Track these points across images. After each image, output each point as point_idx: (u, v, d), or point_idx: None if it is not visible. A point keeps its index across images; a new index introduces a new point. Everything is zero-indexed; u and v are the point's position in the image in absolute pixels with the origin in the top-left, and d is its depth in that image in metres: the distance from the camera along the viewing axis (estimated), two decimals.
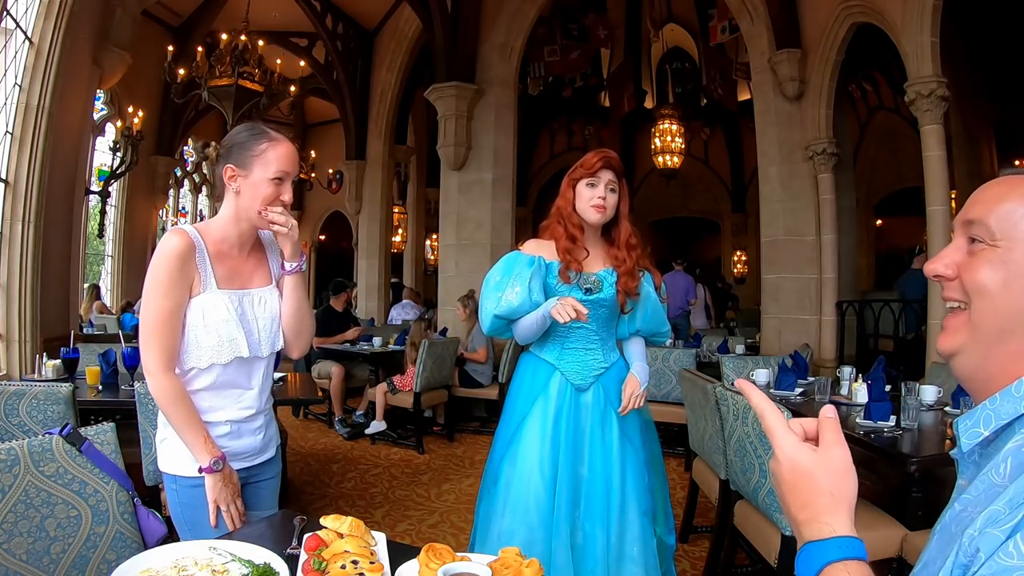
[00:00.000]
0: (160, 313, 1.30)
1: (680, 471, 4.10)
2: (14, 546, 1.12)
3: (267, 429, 1.50)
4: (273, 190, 1.35)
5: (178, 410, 1.31)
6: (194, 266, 1.33)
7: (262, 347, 1.42)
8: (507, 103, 6.62)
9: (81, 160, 5.11)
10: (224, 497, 1.33)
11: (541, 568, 0.96)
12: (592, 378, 1.90)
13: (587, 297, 1.84)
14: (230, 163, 1.36)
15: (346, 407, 5.42)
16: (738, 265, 13.29)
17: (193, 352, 1.34)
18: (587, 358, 1.90)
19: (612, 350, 1.96)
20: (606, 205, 1.84)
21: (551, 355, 1.91)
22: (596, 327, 1.90)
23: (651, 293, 1.95)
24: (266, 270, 1.47)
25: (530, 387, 1.92)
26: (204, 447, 1.31)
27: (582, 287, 1.86)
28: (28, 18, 4.11)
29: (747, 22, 5.99)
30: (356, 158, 9.22)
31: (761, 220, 6.04)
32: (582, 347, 1.91)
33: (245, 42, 6.17)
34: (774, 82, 5.73)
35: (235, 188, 1.36)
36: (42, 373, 3.09)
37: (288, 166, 1.37)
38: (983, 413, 0.65)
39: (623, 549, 1.80)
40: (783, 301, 5.73)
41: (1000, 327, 0.64)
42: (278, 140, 1.38)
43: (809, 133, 5.56)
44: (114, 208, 8.81)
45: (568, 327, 1.85)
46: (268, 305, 1.44)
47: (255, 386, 1.43)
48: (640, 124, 12.25)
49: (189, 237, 1.32)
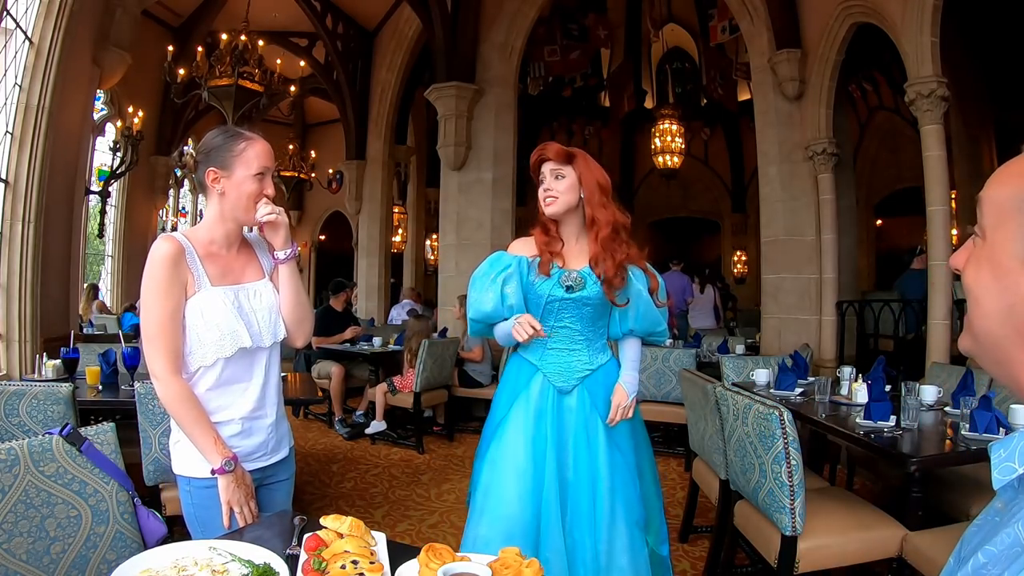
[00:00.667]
0: (161, 317, 1.33)
1: (680, 471, 4.10)
2: (14, 546, 1.12)
3: (278, 427, 1.52)
4: (257, 186, 1.41)
5: (188, 412, 1.33)
6: (186, 268, 1.36)
7: (263, 337, 1.44)
8: (507, 103, 6.62)
9: (81, 160, 5.10)
10: (237, 498, 1.35)
11: (541, 568, 0.96)
12: (576, 380, 1.82)
13: (569, 295, 1.78)
14: (212, 167, 1.40)
15: (346, 407, 5.42)
16: (738, 265, 13.28)
17: (197, 352, 1.36)
18: (570, 359, 1.83)
19: (601, 351, 1.88)
20: (555, 194, 1.78)
21: (534, 355, 1.85)
22: (581, 327, 1.83)
23: (642, 291, 1.86)
24: (257, 265, 1.51)
25: (513, 388, 1.86)
26: (215, 448, 1.33)
27: (563, 284, 1.79)
28: (28, 18, 4.11)
29: (747, 22, 5.99)
30: (356, 158, 9.22)
31: (761, 220, 6.03)
32: (565, 347, 1.83)
33: (245, 42, 6.17)
34: (774, 82, 5.73)
35: (219, 190, 1.40)
36: (42, 373, 3.09)
37: (268, 161, 1.43)
38: (1020, 445, 0.56)
39: (612, 558, 1.74)
40: (783, 301, 5.73)
41: (991, 331, 0.58)
42: (254, 139, 1.43)
43: (809, 133, 5.56)
44: (114, 208, 8.81)
45: (551, 326, 1.81)
46: (264, 297, 1.46)
47: (260, 379, 1.45)
48: (640, 124, 12.25)
49: (177, 241, 1.37)
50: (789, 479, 1.86)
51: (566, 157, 1.80)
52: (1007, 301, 0.56)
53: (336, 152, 10.47)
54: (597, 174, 1.82)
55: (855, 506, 2.18)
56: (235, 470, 1.35)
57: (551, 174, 1.80)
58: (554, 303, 1.81)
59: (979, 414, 2.10)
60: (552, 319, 1.82)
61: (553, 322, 1.82)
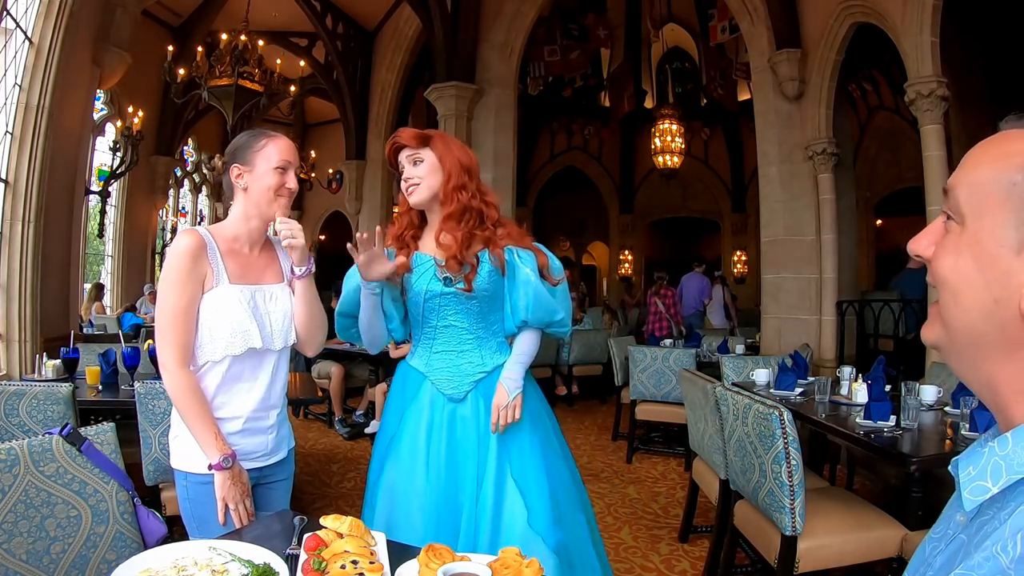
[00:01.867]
0: (175, 308, 1.35)
1: (680, 471, 4.10)
2: (14, 546, 1.12)
3: (280, 429, 1.52)
4: (278, 178, 1.44)
5: (192, 406, 1.34)
6: (206, 262, 1.38)
7: (274, 340, 1.45)
8: (507, 103, 6.62)
9: (81, 160, 5.10)
10: (233, 495, 1.35)
11: (541, 568, 0.96)
12: (469, 386, 1.59)
13: (447, 288, 1.57)
14: (235, 163, 1.45)
15: (346, 407, 5.42)
16: (738, 265, 13.28)
17: (207, 346, 1.38)
18: (459, 362, 1.60)
19: (496, 351, 1.63)
20: (416, 180, 1.59)
21: (420, 361, 1.63)
22: (468, 323, 1.60)
23: (530, 277, 1.60)
24: (277, 268, 1.53)
25: (400, 400, 1.64)
26: (215, 443, 1.34)
27: (439, 277, 1.58)
28: (28, 18, 4.11)
29: (747, 22, 5.99)
30: (356, 158, 9.23)
31: (761, 220, 6.03)
32: (453, 349, 1.60)
33: (245, 42, 6.17)
34: (774, 82, 5.73)
35: (243, 185, 1.45)
36: (42, 373, 3.08)
37: (288, 155, 1.46)
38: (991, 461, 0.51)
39: None
40: (783, 301, 5.73)
41: (970, 328, 0.53)
42: (276, 136, 1.48)
43: (809, 133, 5.56)
44: (114, 208, 8.80)
45: (435, 326, 1.60)
46: (280, 301, 1.48)
47: (267, 381, 1.46)
48: (640, 124, 12.25)
49: (199, 235, 1.39)
50: (789, 479, 1.86)
51: (421, 140, 1.61)
52: (993, 295, 0.51)
53: (336, 152, 10.47)
54: (459, 153, 1.63)
55: (855, 506, 2.18)
56: (232, 467, 1.35)
57: (408, 160, 1.61)
58: (434, 299, 1.58)
59: (979, 414, 2.10)
60: (435, 318, 1.60)
61: (436, 321, 1.60)
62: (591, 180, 14.37)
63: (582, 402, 6.60)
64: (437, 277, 1.58)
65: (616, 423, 5.05)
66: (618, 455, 4.52)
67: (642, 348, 4.49)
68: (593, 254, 16.16)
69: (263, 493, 1.50)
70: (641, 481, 3.93)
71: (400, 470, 1.55)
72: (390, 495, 1.54)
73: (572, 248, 15.43)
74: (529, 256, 1.62)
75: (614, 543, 2.93)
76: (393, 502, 1.53)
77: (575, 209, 14.62)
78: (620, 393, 4.88)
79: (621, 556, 2.80)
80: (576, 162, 14.17)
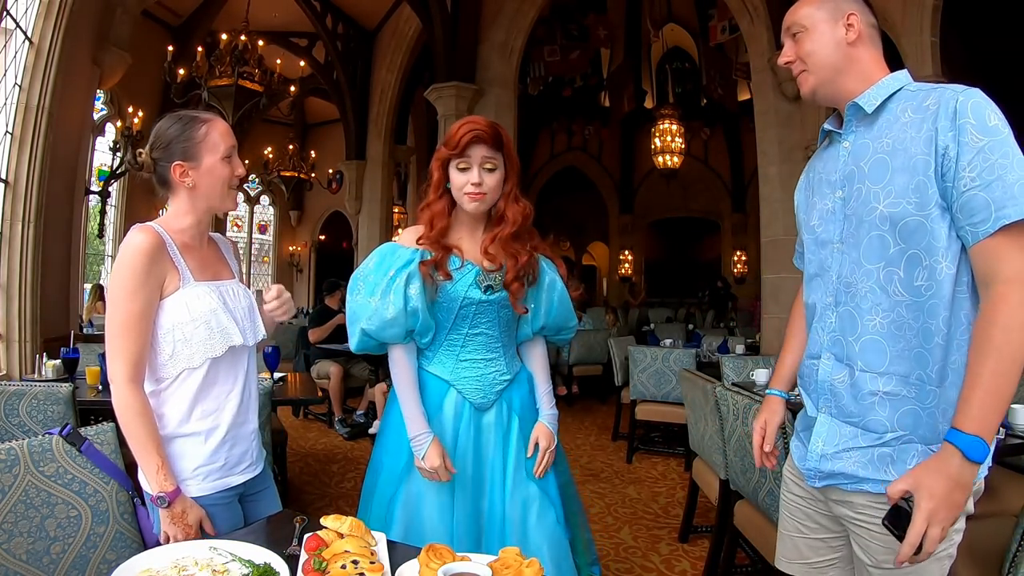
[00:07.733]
0: (128, 315, 1.20)
1: (680, 471, 4.10)
2: (14, 546, 1.12)
3: (260, 436, 1.45)
4: (228, 170, 1.32)
5: (138, 428, 1.19)
6: (167, 261, 1.25)
7: (247, 335, 1.37)
8: (507, 103, 6.63)
9: (81, 160, 5.11)
10: (174, 533, 1.21)
11: (541, 568, 0.96)
12: (495, 394, 1.54)
13: (488, 297, 1.50)
14: (176, 161, 1.28)
15: (346, 407, 5.42)
16: (738, 265, 13.29)
17: (182, 352, 1.25)
18: (488, 370, 1.54)
19: (514, 357, 1.62)
20: (485, 190, 1.46)
21: (444, 369, 1.54)
22: (498, 332, 1.54)
23: (556, 280, 1.58)
24: (226, 264, 1.43)
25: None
26: (156, 476, 1.20)
27: (481, 284, 1.50)
28: (28, 18, 4.11)
29: (747, 22, 6.00)
30: (356, 158, 9.24)
31: (761, 220, 6.03)
32: (482, 357, 1.54)
33: (245, 42, 6.17)
34: (774, 82, 5.73)
35: (189, 184, 1.29)
36: (42, 373, 3.09)
37: (232, 140, 1.34)
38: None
39: None
40: (783, 301, 5.72)
41: (832, 66, 1.12)
42: (212, 119, 1.33)
43: (809, 133, 5.55)
44: (114, 208, 8.81)
45: (464, 333, 1.53)
46: (240, 297, 1.40)
47: (242, 382, 1.37)
48: (640, 124, 12.27)
49: (156, 232, 1.24)
50: None
51: (500, 142, 1.47)
52: (832, 49, 1.13)
53: (336, 152, 10.48)
54: (517, 160, 1.53)
55: None
56: (171, 507, 1.20)
57: (482, 163, 1.45)
58: (470, 307, 1.51)
59: None
60: (466, 326, 1.53)
61: (467, 329, 1.53)
62: (591, 180, 14.39)
63: (582, 402, 6.60)
64: (478, 284, 1.50)
65: (616, 423, 5.05)
66: (618, 455, 4.52)
67: (642, 348, 4.49)
68: (593, 254, 16.18)
69: (252, 507, 1.40)
70: (641, 481, 3.93)
71: (425, 484, 1.47)
72: (413, 507, 1.47)
73: (572, 248, 15.45)
74: (550, 263, 1.61)
75: (614, 543, 2.93)
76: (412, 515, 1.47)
77: (575, 209, 14.63)
78: (620, 393, 4.88)
79: (621, 556, 2.80)
80: (576, 162, 14.19)
